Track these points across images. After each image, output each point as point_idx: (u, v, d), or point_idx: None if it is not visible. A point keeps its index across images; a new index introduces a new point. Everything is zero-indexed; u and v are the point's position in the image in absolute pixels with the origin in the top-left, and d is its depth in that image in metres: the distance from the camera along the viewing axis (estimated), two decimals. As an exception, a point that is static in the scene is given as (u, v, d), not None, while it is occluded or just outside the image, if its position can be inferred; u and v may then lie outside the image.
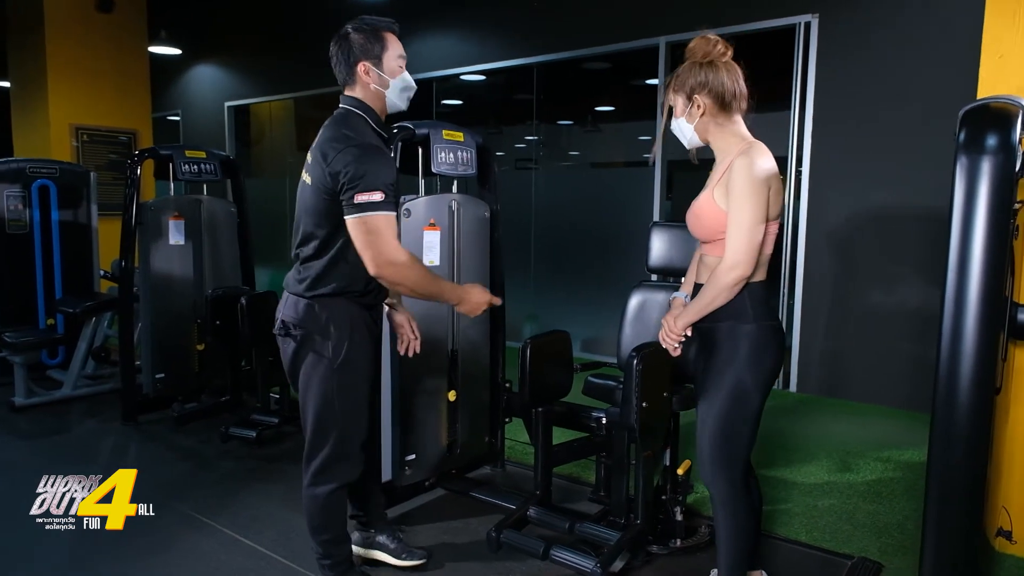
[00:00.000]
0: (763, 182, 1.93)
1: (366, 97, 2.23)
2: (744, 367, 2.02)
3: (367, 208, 2.03)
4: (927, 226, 4.55)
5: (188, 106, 9.73)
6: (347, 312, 2.21)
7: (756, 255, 1.96)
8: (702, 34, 2.04)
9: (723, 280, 1.97)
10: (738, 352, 2.02)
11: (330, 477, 2.30)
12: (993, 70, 2.76)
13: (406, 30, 2.31)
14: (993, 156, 1.95)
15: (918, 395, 4.59)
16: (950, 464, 2.04)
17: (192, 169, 4.46)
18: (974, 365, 1.96)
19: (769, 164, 1.97)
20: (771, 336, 2.04)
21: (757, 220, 1.93)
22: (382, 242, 2.04)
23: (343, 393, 2.23)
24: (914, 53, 4.56)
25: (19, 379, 4.61)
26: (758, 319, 2.02)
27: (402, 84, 2.23)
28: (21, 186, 5.24)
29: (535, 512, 2.78)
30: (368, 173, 2.04)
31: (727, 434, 2.06)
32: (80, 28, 7.54)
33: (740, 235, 1.93)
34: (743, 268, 1.95)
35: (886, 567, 2.67)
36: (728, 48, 2.03)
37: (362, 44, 2.18)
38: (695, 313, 2.07)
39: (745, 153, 1.96)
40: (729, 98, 2.00)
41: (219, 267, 4.68)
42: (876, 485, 3.42)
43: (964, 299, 1.98)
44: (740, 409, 2.04)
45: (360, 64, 2.18)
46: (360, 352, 2.25)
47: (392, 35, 2.23)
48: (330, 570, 2.39)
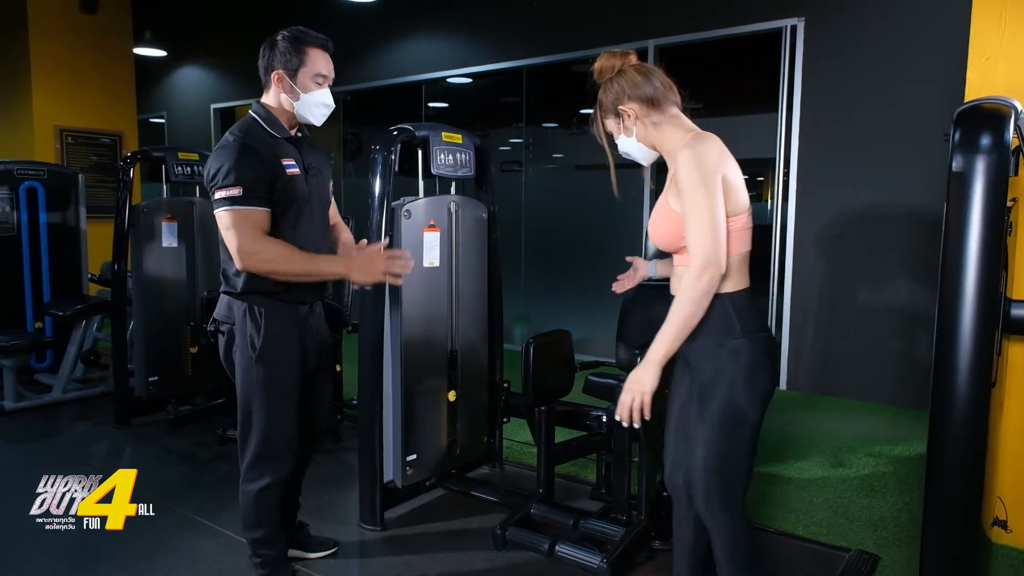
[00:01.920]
0: (711, 170, 1.74)
1: (273, 103, 2.26)
2: (738, 389, 1.79)
3: (225, 203, 2.08)
4: (913, 225, 4.64)
5: (173, 108, 9.67)
6: (263, 308, 2.23)
7: (724, 250, 1.74)
8: (604, 53, 1.94)
9: (695, 289, 1.73)
10: (728, 372, 1.79)
11: (259, 473, 2.31)
12: (980, 72, 2.82)
13: (395, 33, 2.34)
14: (987, 155, 2.00)
15: (906, 392, 4.68)
16: (949, 456, 2.08)
17: (185, 171, 4.45)
18: (971, 360, 2.01)
19: (716, 151, 1.78)
20: (765, 350, 1.84)
21: (715, 211, 1.73)
22: (236, 236, 2.07)
23: (264, 387, 2.24)
24: (899, 56, 4.65)
25: (8, 383, 4.57)
26: (747, 332, 1.80)
27: (315, 101, 2.23)
28: (8, 188, 5.20)
29: (539, 510, 2.80)
30: (225, 168, 2.09)
31: (722, 466, 1.83)
32: (64, 29, 7.48)
33: (701, 231, 1.72)
34: (715, 266, 1.72)
35: (883, 559, 2.72)
36: (630, 55, 1.92)
37: (283, 53, 2.20)
38: (669, 344, 1.77)
39: (687, 145, 1.79)
40: (652, 92, 1.86)
41: (211, 269, 4.66)
42: (869, 480, 3.48)
43: (961, 295, 2.03)
44: (735, 436, 1.82)
45: (275, 72, 2.22)
46: (278, 347, 2.24)
47: (319, 52, 2.23)
48: (260, 567, 2.40)
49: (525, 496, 3.06)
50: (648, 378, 1.78)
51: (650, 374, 1.78)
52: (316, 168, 2.34)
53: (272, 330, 2.23)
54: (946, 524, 2.16)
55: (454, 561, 2.74)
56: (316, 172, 2.33)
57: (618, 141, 1.97)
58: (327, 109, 2.27)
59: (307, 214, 2.28)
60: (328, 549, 2.74)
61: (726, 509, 1.86)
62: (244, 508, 2.36)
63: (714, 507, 1.86)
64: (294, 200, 2.22)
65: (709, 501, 1.86)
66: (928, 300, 4.59)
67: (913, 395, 4.61)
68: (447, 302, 3.20)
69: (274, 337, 2.23)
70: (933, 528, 2.16)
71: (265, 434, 2.28)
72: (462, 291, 3.26)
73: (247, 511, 2.36)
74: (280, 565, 2.44)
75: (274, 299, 2.24)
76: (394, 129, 3.03)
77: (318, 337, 2.42)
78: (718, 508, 1.86)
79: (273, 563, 2.42)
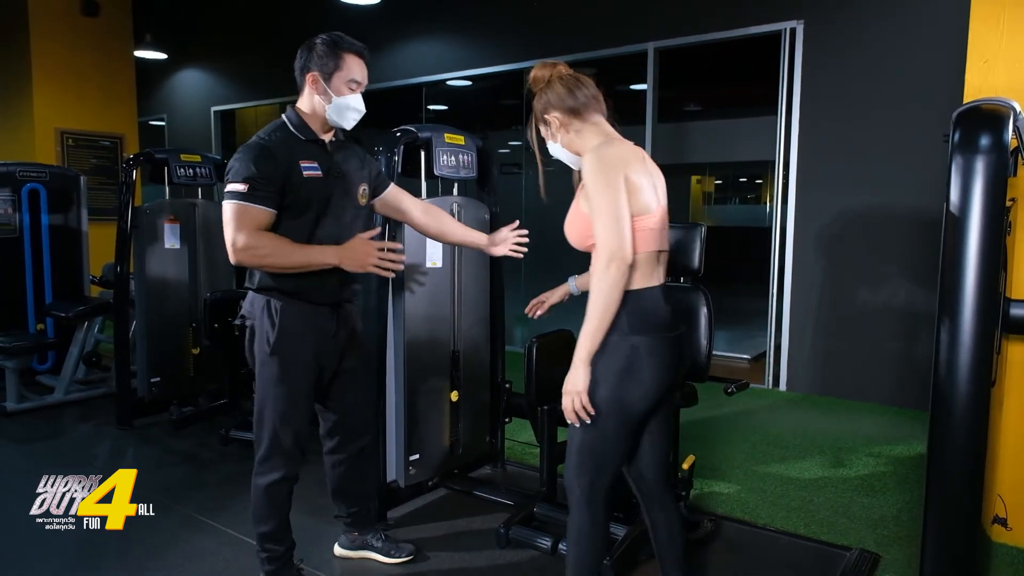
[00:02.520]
0: (613, 169, 1.82)
1: (306, 106, 2.29)
2: (614, 382, 1.84)
3: (227, 196, 2.14)
4: (912, 226, 4.66)
5: (173, 111, 9.69)
6: (279, 304, 2.26)
7: (629, 242, 1.80)
8: (539, 63, 2.05)
9: (603, 280, 1.78)
10: (609, 365, 1.84)
11: (269, 468, 2.33)
12: (978, 74, 2.84)
13: (395, 36, 2.37)
14: (986, 156, 2.03)
15: (905, 392, 4.70)
16: (949, 455, 2.10)
17: (187, 173, 4.47)
18: (971, 359, 2.03)
19: (618, 154, 1.86)
20: (650, 350, 1.86)
21: (618, 208, 1.80)
22: (232, 229, 2.12)
23: (276, 383, 2.27)
24: (898, 58, 4.68)
25: (11, 384, 4.58)
26: (634, 331, 1.84)
27: (346, 104, 2.26)
28: (11, 190, 5.21)
29: (542, 509, 2.82)
30: (238, 165, 2.15)
31: (591, 449, 1.91)
32: (65, 32, 7.51)
33: (605, 226, 1.79)
34: (618, 257, 1.77)
35: (883, 558, 2.74)
36: (559, 66, 2.03)
37: (320, 56, 2.24)
38: (590, 341, 1.82)
39: (592, 149, 1.89)
40: (573, 104, 1.97)
41: (214, 271, 4.68)
42: (869, 479, 3.50)
43: (960, 295, 2.05)
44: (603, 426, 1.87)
45: (310, 74, 2.25)
46: (291, 344, 2.26)
47: (355, 58, 2.27)
48: (267, 563, 2.43)
49: (527, 496, 3.08)
50: (578, 379, 1.84)
51: (579, 375, 1.84)
52: (343, 171, 2.34)
53: (285, 327, 2.25)
54: (946, 522, 2.18)
55: (457, 560, 2.76)
56: (342, 175, 2.34)
57: (550, 147, 2.08)
58: (358, 114, 2.30)
59: (330, 215, 2.29)
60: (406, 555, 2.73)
61: (583, 492, 1.94)
62: (254, 502, 2.38)
63: (573, 484, 1.95)
64: (311, 201, 2.24)
65: (577, 478, 1.95)
66: (927, 300, 4.61)
67: (912, 395, 4.63)
68: (450, 302, 3.22)
69: (287, 334, 2.25)
70: (933, 526, 2.17)
71: (276, 429, 2.30)
72: (464, 292, 3.28)
73: (256, 505, 2.38)
74: (286, 562, 2.46)
75: (291, 297, 2.26)
76: (397, 130, 3.05)
77: (340, 338, 2.42)
78: (576, 485, 1.95)
79: (279, 559, 2.43)
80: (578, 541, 1.99)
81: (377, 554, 2.72)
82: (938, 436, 2.12)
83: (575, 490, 1.96)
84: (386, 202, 2.56)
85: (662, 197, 1.97)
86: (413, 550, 2.74)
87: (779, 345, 5.26)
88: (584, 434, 1.90)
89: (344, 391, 2.50)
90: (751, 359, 6.18)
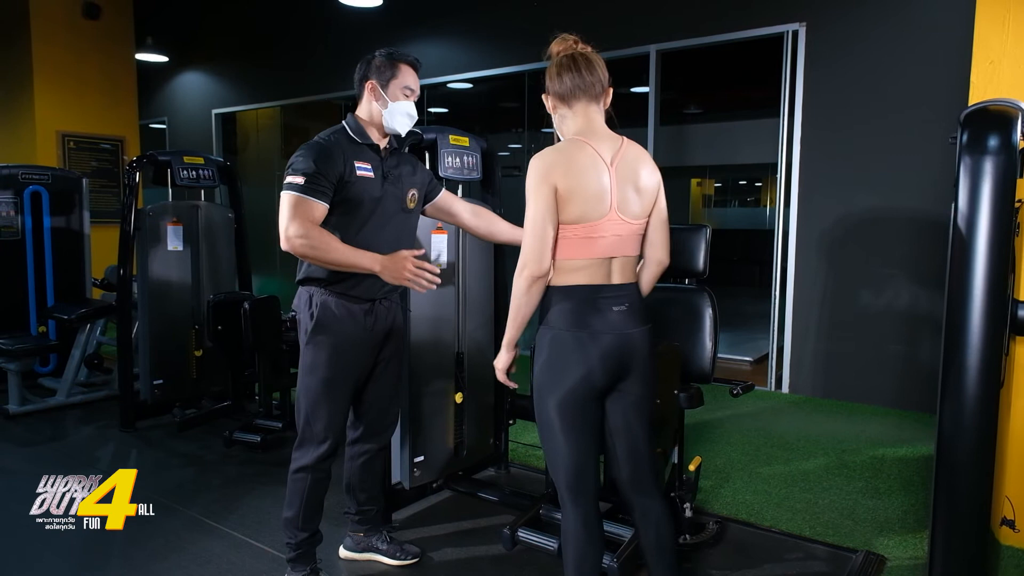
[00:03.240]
0: (541, 178, 1.85)
1: (364, 113, 2.42)
2: (542, 375, 1.94)
3: (285, 188, 2.24)
4: (914, 229, 4.66)
5: (174, 114, 9.68)
6: (320, 299, 2.37)
7: (545, 255, 1.85)
8: (560, 35, 2.08)
9: (516, 285, 1.90)
10: (539, 359, 1.95)
11: (299, 455, 2.45)
12: (984, 75, 2.84)
13: (396, 39, 2.41)
14: (995, 156, 2.02)
15: (908, 394, 4.69)
16: (958, 456, 2.09)
17: (190, 175, 4.47)
18: (980, 360, 2.03)
19: (547, 163, 1.87)
20: (569, 345, 1.90)
21: (538, 218, 1.84)
22: (287, 218, 2.21)
23: (309, 372, 2.39)
24: (901, 60, 4.68)
25: (13, 386, 4.58)
26: (556, 326, 1.92)
27: (400, 110, 2.38)
28: (13, 192, 5.21)
29: (547, 510, 2.81)
30: (298, 161, 2.26)
31: (547, 448, 2.00)
32: (67, 35, 7.50)
33: (525, 234, 1.87)
34: (530, 268, 1.86)
35: (889, 560, 2.74)
36: (565, 44, 2.04)
37: (378, 67, 2.39)
38: (510, 332, 1.99)
39: (538, 153, 1.90)
40: (559, 87, 1.98)
41: (217, 273, 4.68)
42: (873, 481, 3.49)
43: (969, 296, 2.04)
44: (539, 411, 1.97)
45: (369, 82, 2.39)
46: (326, 336, 2.37)
47: (408, 68, 2.41)
48: (288, 548, 2.51)
49: (532, 498, 3.07)
50: (499, 360, 2.06)
51: (501, 356, 2.05)
52: (395, 175, 2.44)
53: (322, 318, 2.36)
54: (955, 524, 2.17)
55: (463, 562, 2.76)
56: (395, 179, 2.44)
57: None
58: (410, 119, 2.42)
59: (378, 216, 2.39)
60: (411, 557, 2.75)
61: (562, 493, 1.98)
62: (287, 484, 2.48)
63: (558, 488, 2.00)
64: (362, 200, 2.35)
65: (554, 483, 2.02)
66: (930, 303, 4.61)
67: (916, 397, 4.62)
68: (454, 304, 3.22)
69: (323, 325, 2.36)
70: (942, 528, 2.17)
71: (308, 417, 2.41)
72: (469, 293, 3.27)
73: (287, 488, 2.48)
74: (305, 552, 2.51)
75: (331, 291, 2.37)
76: (402, 132, 3.05)
77: (377, 332, 2.48)
78: (558, 488, 2.00)
79: (297, 546, 2.48)
80: (569, 542, 2.01)
81: (383, 556, 2.72)
82: (946, 438, 2.11)
83: (560, 492, 2.01)
84: (438, 206, 2.66)
85: (644, 201, 1.96)
86: (419, 553, 2.75)
87: (781, 347, 5.25)
88: (541, 434, 2.00)
89: (375, 383, 2.57)
90: (753, 361, 6.18)
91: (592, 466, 2.00)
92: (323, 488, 2.50)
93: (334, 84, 7.77)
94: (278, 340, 3.99)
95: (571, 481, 1.96)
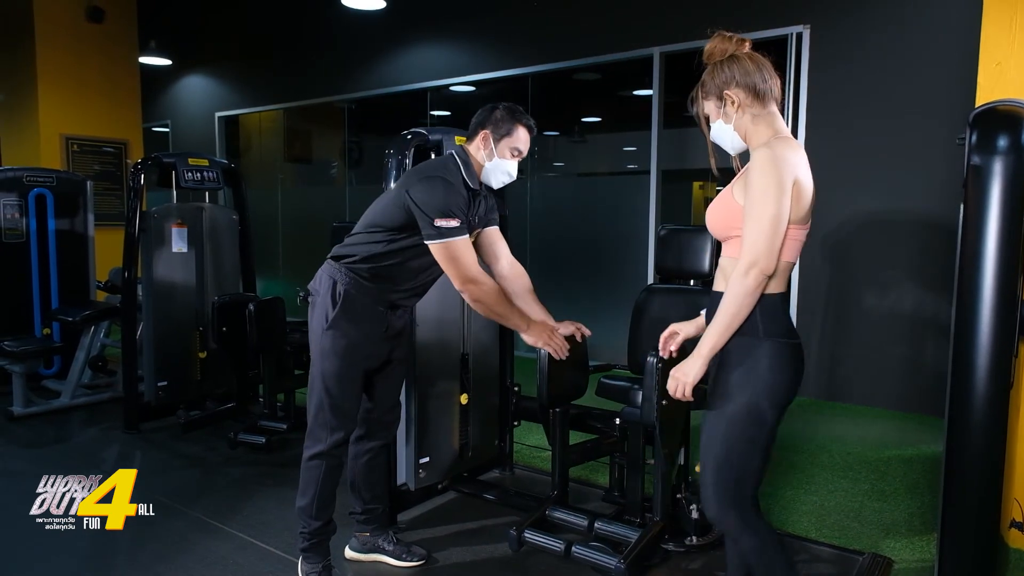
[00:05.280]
0: (785, 174, 1.73)
1: (473, 156, 2.47)
2: (759, 389, 1.79)
3: (445, 233, 2.27)
4: (919, 231, 4.66)
5: (177, 117, 9.69)
6: (345, 291, 2.38)
7: (776, 254, 1.74)
8: (718, 34, 1.92)
9: (740, 286, 1.74)
10: (751, 372, 1.80)
11: (311, 442, 2.45)
12: (991, 77, 2.84)
13: (399, 41, 2.40)
14: (1004, 157, 2.03)
15: (913, 397, 4.69)
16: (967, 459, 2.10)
17: (195, 177, 4.47)
18: (989, 362, 2.03)
19: (794, 157, 1.77)
20: (788, 355, 1.82)
21: (777, 215, 1.71)
22: (464, 267, 2.30)
23: (325, 357, 2.39)
24: (905, 63, 4.68)
25: (17, 388, 4.57)
26: (771, 335, 1.79)
27: (502, 167, 2.45)
28: (17, 195, 5.21)
29: (554, 512, 2.81)
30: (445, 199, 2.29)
31: (734, 463, 1.84)
32: (70, 38, 7.51)
33: (757, 230, 1.72)
34: (762, 265, 1.72)
35: (896, 562, 2.73)
36: (746, 42, 1.91)
37: (497, 120, 2.44)
38: (716, 338, 1.79)
39: (767, 144, 1.78)
40: (761, 85, 1.84)
41: (221, 275, 4.68)
42: (879, 484, 3.49)
43: (978, 297, 2.04)
44: (750, 435, 1.82)
45: (484, 131, 2.45)
46: (346, 325, 2.38)
47: (526, 131, 2.47)
48: (301, 538, 2.50)
49: (537, 500, 3.06)
50: (693, 369, 1.83)
51: (696, 366, 1.82)
52: (475, 220, 2.48)
53: (345, 309, 2.38)
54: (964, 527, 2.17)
55: (469, 564, 2.75)
56: (475, 224, 2.49)
57: (713, 125, 1.95)
58: (509, 179, 2.49)
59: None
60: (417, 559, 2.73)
61: (734, 507, 1.86)
62: (301, 474, 2.48)
63: (724, 504, 1.86)
64: None
65: (719, 498, 1.86)
66: (934, 305, 4.60)
67: (920, 400, 4.62)
68: (459, 305, 3.21)
69: (345, 314, 2.38)
70: (951, 531, 2.16)
71: (318, 403, 2.42)
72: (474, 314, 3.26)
73: (301, 477, 2.47)
74: (319, 543, 2.50)
75: (358, 289, 2.39)
76: (408, 133, 3.05)
77: (391, 332, 2.51)
78: (727, 505, 1.86)
79: (310, 536, 2.48)
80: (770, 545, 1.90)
81: (388, 557, 2.71)
82: (956, 440, 2.11)
83: (731, 519, 1.87)
84: (485, 236, 2.62)
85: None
86: (425, 554, 2.74)
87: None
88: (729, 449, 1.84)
89: (384, 381, 2.58)
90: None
91: None
92: (337, 476, 2.49)
93: (337, 87, 7.79)
94: (283, 341, 3.99)
95: (752, 490, 1.88)
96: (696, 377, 1.83)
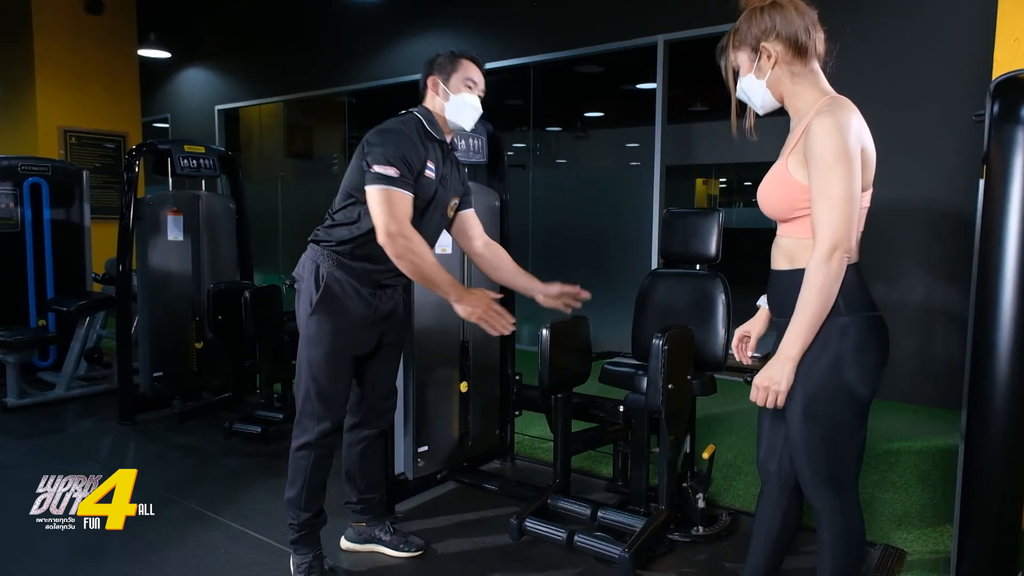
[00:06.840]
0: (852, 144, 1.59)
1: (430, 107, 2.40)
2: (846, 368, 1.65)
3: (378, 180, 2.15)
4: (927, 221, 4.57)
5: (177, 110, 9.63)
6: (328, 273, 2.30)
7: (855, 231, 1.63)
8: None
9: (823, 273, 1.58)
10: (833, 351, 1.65)
11: (299, 432, 2.37)
12: (1008, 53, 2.76)
13: (399, 32, 2.33)
14: (1027, 127, 1.94)
15: (921, 389, 4.60)
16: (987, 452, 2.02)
17: (191, 164, 4.40)
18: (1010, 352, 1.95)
19: (857, 122, 1.63)
20: (873, 328, 1.69)
21: (851, 191, 1.58)
22: (387, 216, 2.14)
23: (312, 344, 2.31)
24: (910, 51, 4.59)
25: (12, 379, 4.51)
26: (854, 310, 1.65)
27: (464, 102, 2.35)
28: (12, 184, 5.14)
29: (556, 501, 2.73)
30: (386, 148, 2.18)
31: (829, 447, 1.70)
32: (69, 30, 7.46)
33: (832, 211, 1.57)
34: (844, 245, 1.59)
35: (909, 554, 2.65)
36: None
37: (440, 63, 2.39)
38: (806, 335, 1.62)
39: (826, 111, 1.61)
40: (804, 39, 1.66)
41: (217, 263, 4.61)
42: (890, 475, 3.40)
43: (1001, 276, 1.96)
44: (842, 416, 1.69)
45: (431, 78, 2.38)
46: (331, 309, 2.29)
47: (469, 63, 2.40)
48: (291, 529, 2.43)
49: (539, 490, 2.99)
50: (783, 375, 1.65)
51: (786, 371, 1.65)
52: (447, 181, 2.39)
53: (328, 292, 2.29)
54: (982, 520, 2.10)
55: (468, 553, 2.68)
56: (446, 184, 2.39)
57: (742, 79, 1.76)
58: (475, 112, 2.39)
59: (422, 218, 2.31)
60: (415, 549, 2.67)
61: (836, 492, 1.73)
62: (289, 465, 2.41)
63: (822, 490, 1.74)
64: (418, 200, 2.26)
65: (816, 484, 1.74)
66: (944, 296, 4.52)
67: (929, 393, 4.53)
68: (460, 291, 3.13)
69: (328, 299, 2.29)
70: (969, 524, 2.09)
71: (308, 390, 2.34)
72: (474, 279, 3.19)
73: (289, 468, 2.40)
74: (308, 534, 2.43)
75: (341, 269, 2.30)
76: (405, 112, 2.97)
77: (378, 314, 2.41)
78: (827, 490, 1.73)
79: (299, 528, 2.41)
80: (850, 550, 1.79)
81: (385, 547, 2.64)
82: (975, 432, 2.04)
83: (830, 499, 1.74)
84: (460, 219, 2.56)
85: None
86: (422, 544, 2.67)
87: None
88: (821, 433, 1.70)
89: (376, 366, 2.50)
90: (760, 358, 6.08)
91: None
92: (326, 466, 2.41)
93: (338, 79, 7.71)
94: (279, 330, 3.92)
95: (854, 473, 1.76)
96: (789, 383, 1.65)
